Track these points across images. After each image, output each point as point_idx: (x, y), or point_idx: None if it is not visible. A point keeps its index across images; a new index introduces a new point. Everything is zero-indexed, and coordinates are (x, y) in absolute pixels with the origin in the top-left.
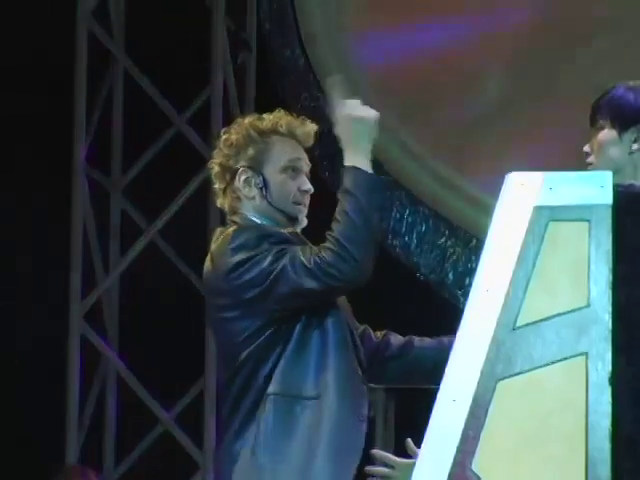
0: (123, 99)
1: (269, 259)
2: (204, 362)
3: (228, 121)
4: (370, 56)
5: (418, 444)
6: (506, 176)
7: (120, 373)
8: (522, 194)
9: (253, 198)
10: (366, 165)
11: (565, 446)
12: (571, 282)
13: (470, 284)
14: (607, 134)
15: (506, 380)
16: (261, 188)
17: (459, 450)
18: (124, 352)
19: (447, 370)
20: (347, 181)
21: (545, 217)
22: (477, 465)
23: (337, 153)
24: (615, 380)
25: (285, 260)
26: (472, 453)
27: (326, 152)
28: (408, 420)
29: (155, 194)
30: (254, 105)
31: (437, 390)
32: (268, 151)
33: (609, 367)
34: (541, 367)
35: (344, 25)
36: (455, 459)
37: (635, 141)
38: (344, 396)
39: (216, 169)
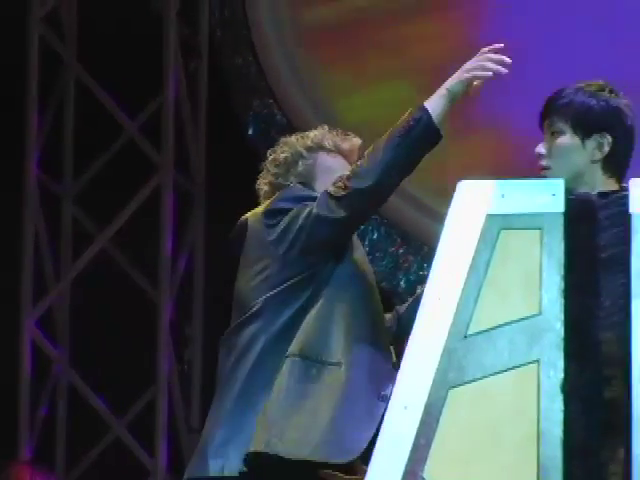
0: (75, 106)
1: (303, 208)
2: (156, 369)
3: (180, 128)
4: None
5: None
6: (458, 183)
7: (71, 380)
8: (474, 202)
9: None
10: (435, 114)
11: (517, 454)
12: (523, 290)
13: (422, 292)
14: (569, 140)
15: (458, 388)
16: None
17: (410, 458)
18: (76, 359)
19: (399, 377)
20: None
21: (497, 225)
22: (428, 473)
23: None
24: (567, 388)
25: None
26: (423, 461)
27: None
28: None
29: (107, 201)
30: (206, 112)
31: None
32: (318, 166)
33: (561, 375)
34: (493, 375)
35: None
36: (406, 467)
37: (598, 149)
38: (369, 371)
39: (265, 189)
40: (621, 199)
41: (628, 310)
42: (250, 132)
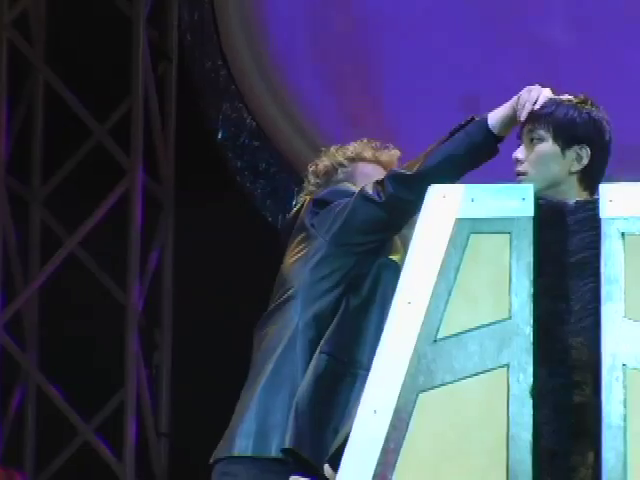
0: (43, 109)
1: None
2: (124, 373)
3: (149, 132)
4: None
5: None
6: (428, 188)
7: (40, 384)
8: (444, 206)
9: None
10: (491, 117)
11: (486, 458)
12: (492, 294)
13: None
14: (550, 148)
15: (427, 392)
16: None
17: (380, 462)
18: (44, 363)
19: (368, 381)
20: None
21: (466, 229)
22: (398, 477)
23: (259, 164)
24: (536, 392)
25: None
26: (393, 465)
27: (248, 164)
28: None
29: (76, 205)
30: (175, 116)
31: None
32: (358, 174)
33: (530, 379)
34: (462, 379)
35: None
36: (376, 471)
37: (577, 160)
38: None
39: (308, 199)
40: (591, 204)
41: (598, 315)
42: (219, 136)
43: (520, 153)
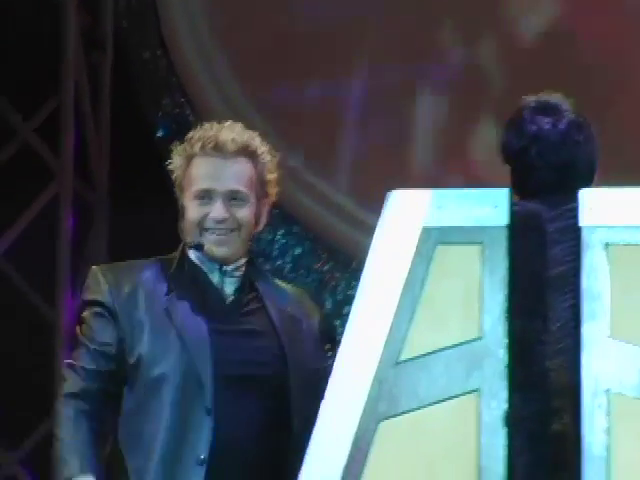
0: None
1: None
2: (52, 400)
3: (80, 130)
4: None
5: None
6: (389, 193)
7: None
8: (407, 213)
9: None
10: None
11: None
12: (462, 311)
13: (349, 313)
14: None
15: (389, 420)
16: None
17: None
18: None
19: (324, 408)
20: None
21: (433, 239)
22: None
23: None
24: (510, 420)
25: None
26: None
27: None
28: None
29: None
30: (109, 113)
31: None
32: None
33: (504, 406)
34: (428, 406)
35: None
36: None
37: None
38: None
39: None
40: (571, 211)
41: (578, 335)
42: (159, 134)
43: None
